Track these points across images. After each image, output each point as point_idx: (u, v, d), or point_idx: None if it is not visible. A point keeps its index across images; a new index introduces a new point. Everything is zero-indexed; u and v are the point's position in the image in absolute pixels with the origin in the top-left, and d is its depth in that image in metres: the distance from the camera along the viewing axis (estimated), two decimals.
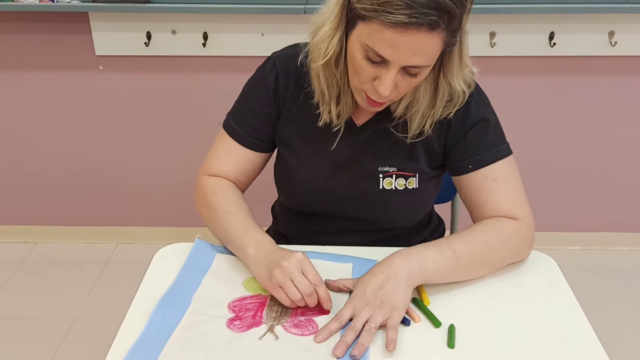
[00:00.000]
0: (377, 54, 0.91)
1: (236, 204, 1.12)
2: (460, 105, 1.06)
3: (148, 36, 2.09)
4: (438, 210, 1.38)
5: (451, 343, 0.90)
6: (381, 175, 1.11)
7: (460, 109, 1.07)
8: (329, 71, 1.02)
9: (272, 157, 1.23)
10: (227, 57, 2.14)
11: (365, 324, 0.90)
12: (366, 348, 0.88)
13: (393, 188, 1.12)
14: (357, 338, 0.89)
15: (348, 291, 1.00)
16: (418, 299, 0.99)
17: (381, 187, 1.12)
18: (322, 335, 0.90)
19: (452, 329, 0.93)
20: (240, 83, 1.20)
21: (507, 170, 1.09)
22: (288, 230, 1.28)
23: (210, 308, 0.97)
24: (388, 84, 0.93)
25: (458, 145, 1.09)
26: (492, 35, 2.06)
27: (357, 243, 1.14)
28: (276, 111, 1.14)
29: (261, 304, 0.98)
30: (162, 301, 0.97)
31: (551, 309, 0.99)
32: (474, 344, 0.91)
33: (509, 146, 1.10)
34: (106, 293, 2.20)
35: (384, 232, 1.18)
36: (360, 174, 1.12)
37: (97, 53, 2.14)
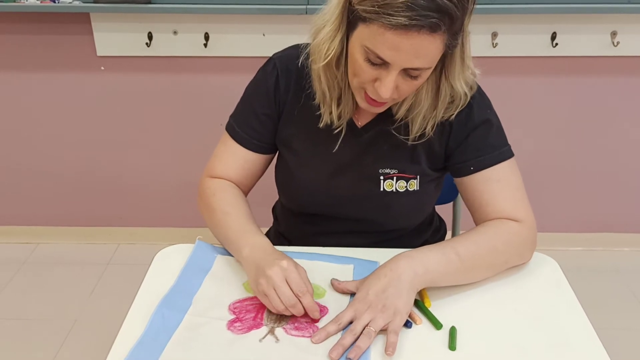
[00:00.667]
0: (378, 56, 0.90)
1: (235, 205, 1.12)
2: (462, 107, 1.05)
3: (149, 37, 2.09)
4: (439, 211, 1.38)
5: (452, 345, 0.90)
6: (382, 177, 1.11)
7: (462, 111, 1.07)
8: (330, 72, 1.02)
9: (275, 159, 1.22)
10: (229, 58, 2.13)
11: (365, 328, 0.90)
12: (363, 352, 0.87)
13: (394, 190, 1.11)
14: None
15: (351, 293, 0.99)
16: (419, 301, 0.99)
17: (382, 189, 1.11)
18: (319, 336, 0.90)
19: (454, 331, 0.92)
20: (241, 83, 1.20)
21: (509, 172, 1.08)
22: (289, 231, 1.28)
23: (210, 309, 0.97)
24: (389, 86, 0.93)
25: (460, 147, 1.09)
26: (494, 35, 2.05)
27: (358, 244, 1.13)
28: (277, 112, 1.14)
29: (262, 306, 0.97)
30: (163, 302, 0.97)
31: (553, 311, 0.98)
32: (476, 346, 0.91)
33: (511, 148, 1.10)
34: (107, 294, 2.20)
35: (386, 234, 1.18)
36: (360, 176, 1.12)
37: (99, 54, 2.14)
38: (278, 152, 1.20)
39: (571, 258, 2.39)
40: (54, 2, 1.99)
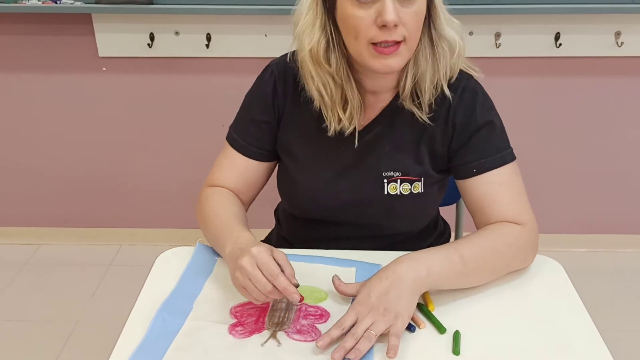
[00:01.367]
0: None
1: (224, 208, 1.11)
2: (461, 57, 1.06)
3: (151, 37, 2.08)
4: (442, 212, 1.37)
5: (456, 349, 0.89)
6: (385, 180, 1.10)
7: (465, 111, 1.07)
8: (321, 68, 1.02)
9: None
10: (231, 58, 2.13)
11: (366, 331, 0.88)
12: (363, 354, 0.86)
13: (398, 193, 1.10)
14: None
15: (352, 296, 0.98)
16: (423, 305, 0.98)
17: (386, 193, 1.10)
18: (324, 341, 0.88)
19: (457, 335, 0.92)
20: (243, 84, 1.20)
21: (512, 175, 1.08)
22: (291, 235, 1.27)
23: (212, 313, 0.96)
24: (390, 8, 0.93)
25: (463, 148, 1.08)
26: (498, 35, 2.04)
27: (362, 249, 1.12)
28: (276, 119, 1.14)
29: (264, 309, 0.97)
30: (163, 306, 0.96)
31: (557, 314, 0.97)
32: (480, 351, 0.90)
33: (513, 151, 1.09)
34: (109, 295, 2.20)
35: (390, 238, 1.17)
36: (364, 179, 1.11)
37: (101, 54, 2.14)
38: (279, 160, 1.19)
39: (574, 259, 2.37)
40: (56, 3, 1.99)
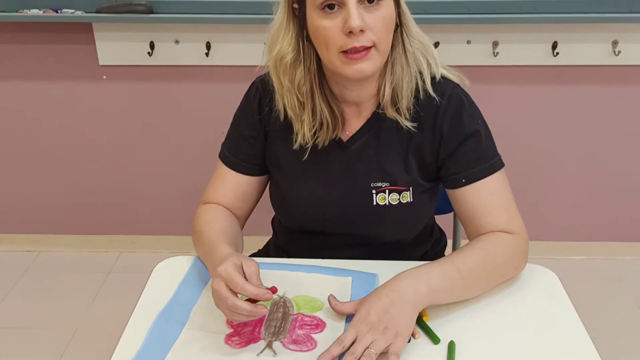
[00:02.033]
0: None
1: (210, 224, 1.12)
2: (431, 53, 1.08)
3: (151, 46, 2.09)
4: (439, 221, 1.38)
5: None
6: (374, 191, 1.11)
7: (452, 120, 1.08)
8: (284, 77, 1.05)
9: None
10: (230, 67, 2.14)
11: (366, 349, 0.88)
12: None
13: (387, 203, 1.11)
14: None
15: (349, 315, 0.97)
16: (417, 316, 0.98)
17: (375, 203, 1.11)
18: (324, 359, 0.88)
19: (452, 346, 0.92)
20: (243, 92, 1.21)
21: (501, 183, 1.08)
22: (288, 245, 1.27)
23: (208, 323, 0.97)
24: (354, 14, 0.95)
25: (451, 158, 1.09)
26: (495, 44, 2.05)
27: (357, 257, 1.13)
28: (263, 133, 1.16)
29: (260, 319, 0.97)
30: (161, 315, 0.97)
31: (551, 324, 0.98)
32: None
33: (501, 158, 1.10)
34: (109, 302, 2.20)
35: (383, 246, 1.17)
36: (352, 191, 1.12)
37: (101, 63, 2.15)
38: (270, 175, 1.21)
39: (573, 267, 2.38)
40: (57, 12, 2.01)
